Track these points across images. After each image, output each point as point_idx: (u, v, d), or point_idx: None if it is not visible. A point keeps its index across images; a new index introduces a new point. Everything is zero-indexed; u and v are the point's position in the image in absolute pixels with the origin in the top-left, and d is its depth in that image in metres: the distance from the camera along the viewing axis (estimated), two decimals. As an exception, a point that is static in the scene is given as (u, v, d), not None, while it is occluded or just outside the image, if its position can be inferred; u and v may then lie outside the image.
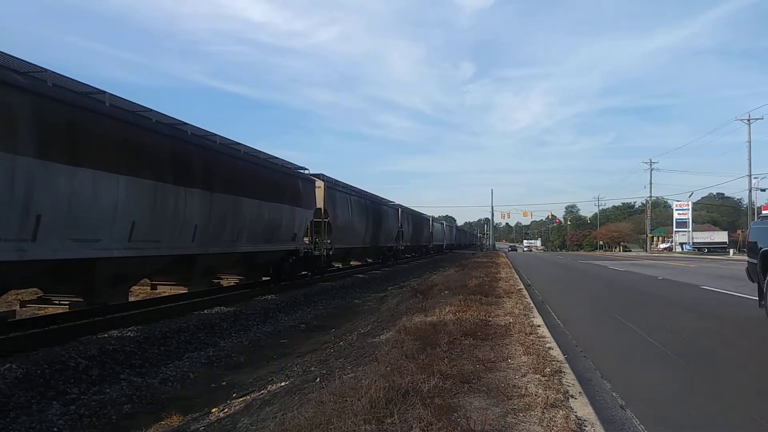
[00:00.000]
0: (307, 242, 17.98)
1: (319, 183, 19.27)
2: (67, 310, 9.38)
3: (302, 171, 18.30)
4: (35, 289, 9.70)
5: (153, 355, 8.18)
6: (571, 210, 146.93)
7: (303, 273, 18.80)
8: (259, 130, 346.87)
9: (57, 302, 9.34)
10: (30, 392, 6.09)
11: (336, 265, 24.78)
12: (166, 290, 13.50)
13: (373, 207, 28.21)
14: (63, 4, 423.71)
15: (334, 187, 21.20)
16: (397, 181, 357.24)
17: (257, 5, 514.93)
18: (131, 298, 11.61)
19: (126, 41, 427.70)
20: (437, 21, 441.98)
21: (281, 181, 15.66)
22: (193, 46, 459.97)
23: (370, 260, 31.18)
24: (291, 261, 17.02)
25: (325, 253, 19.34)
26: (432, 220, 51.00)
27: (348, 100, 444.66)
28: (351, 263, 28.18)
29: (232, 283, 15.41)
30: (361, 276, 24.33)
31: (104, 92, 8.97)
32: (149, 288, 13.32)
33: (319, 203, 18.94)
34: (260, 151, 14.82)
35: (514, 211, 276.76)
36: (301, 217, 16.98)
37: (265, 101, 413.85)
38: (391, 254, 34.44)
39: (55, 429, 5.44)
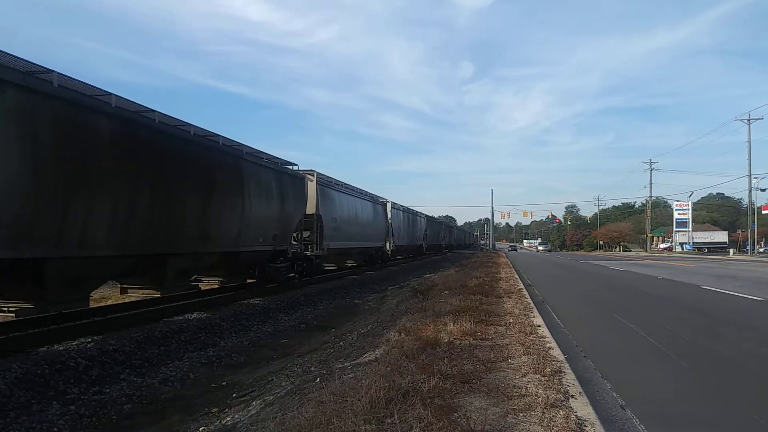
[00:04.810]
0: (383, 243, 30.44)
1: (389, 205, 31.63)
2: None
3: (383, 198, 30.94)
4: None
5: (153, 355, 8.16)
6: (571, 210, 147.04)
7: (380, 262, 30.29)
8: (259, 130, 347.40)
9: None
10: (30, 392, 6.08)
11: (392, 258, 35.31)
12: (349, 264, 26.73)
13: (412, 217, 39.62)
14: (64, 4, 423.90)
15: (395, 206, 33.31)
16: (397, 181, 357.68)
17: (255, 5, 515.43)
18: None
19: (125, 41, 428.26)
20: (436, 20, 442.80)
21: (377, 208, 28.69)
22: (193, 45, 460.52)
23: (406, 255, 40.26)
24: (375, 254, 29.35)
25: (390, 249, 32.09)
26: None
27: (348, 100, 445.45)
28: (397, 257, 37.02)
29: (354, 264, 27.22)
30: (404, 264, 34.36)
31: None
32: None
33: (389, 217, 31.34)
34: (364, 190, 26.45)
35: (514, 211, 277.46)
36: (382, 227, 29.73)
37: (264, 101, 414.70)
38: (420, 251, 45.42)
39: (55, 429, 5.44)
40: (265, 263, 14.67)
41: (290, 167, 16.22)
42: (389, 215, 31.37)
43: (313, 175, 18.40)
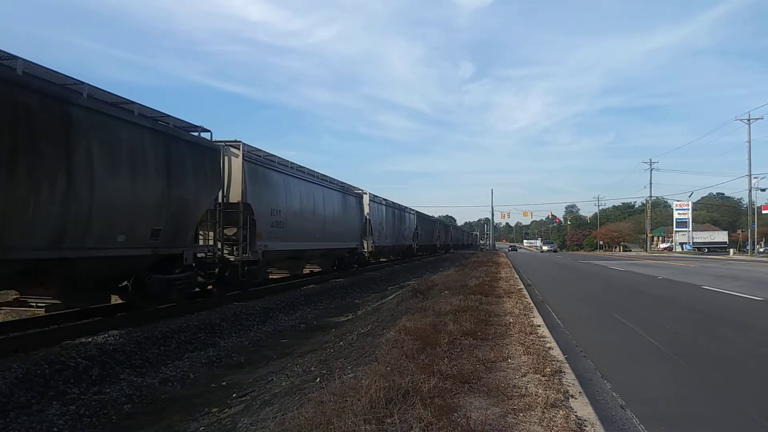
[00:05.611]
0: (359, 244, 24.45)
1: (367, 197, 25.85)
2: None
3: (358, 189, 25.33)
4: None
5: (153, 355, 8.17)
6: (571, 210, 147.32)
7: (355, 266, 24.57)
8: (259, 130, 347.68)
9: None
10: (30, 392, 6.09)
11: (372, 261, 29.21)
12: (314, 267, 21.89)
13: (399, 213, 34.36)
14: (64, 4, 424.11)
15: (375, 200, 27.46)
16: (397, 181, 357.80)
17: (255, 5, 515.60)
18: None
19: (125, 41, 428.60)
20: (436, 20, 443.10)
21: (349, 199, 22.91)
22: (192, 45, 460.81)
23: (393, 257, 35.21)
24: (348, 257, 23.55)
25: (368, 250, 25.76)
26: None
27: (347, 100, 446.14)
28: (380, 259, 31.64)
29: (319, 270, 21.94)
30: (388, 269, 28.95)
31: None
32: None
33: (366, 212, 25.53)
34: (328, 176, 20.76)
35: (514, 211, 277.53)
36: (357, 223, 23.86)
37: (264, 101, 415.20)
38: (410, 252, 39.24)
39: (55, 429, 5.44)
40: (144, 274, 9.87)
41: (194, 133, 11.36)
42: (367, 210, 25.38)
43: (239, 148, 13.05)
